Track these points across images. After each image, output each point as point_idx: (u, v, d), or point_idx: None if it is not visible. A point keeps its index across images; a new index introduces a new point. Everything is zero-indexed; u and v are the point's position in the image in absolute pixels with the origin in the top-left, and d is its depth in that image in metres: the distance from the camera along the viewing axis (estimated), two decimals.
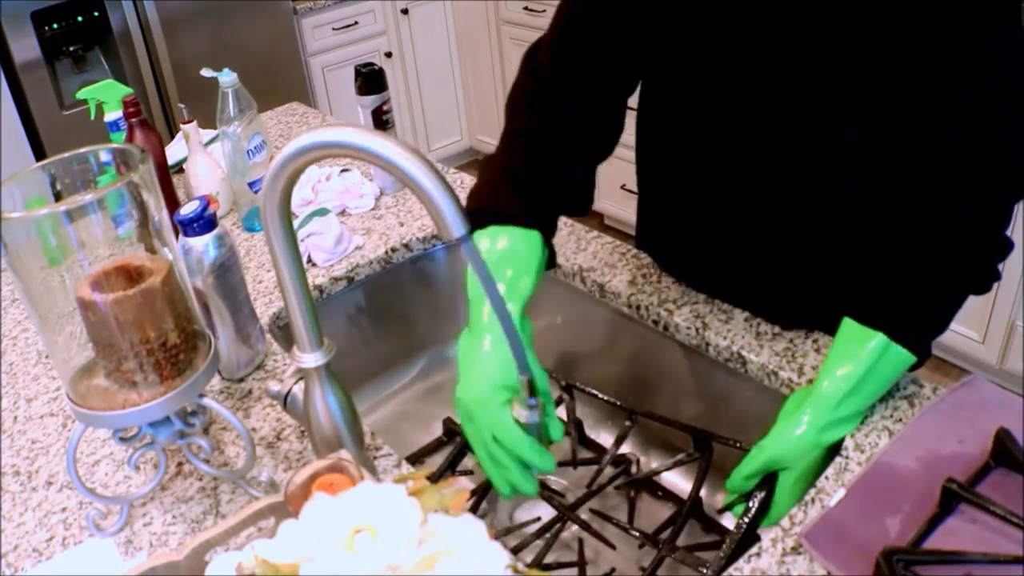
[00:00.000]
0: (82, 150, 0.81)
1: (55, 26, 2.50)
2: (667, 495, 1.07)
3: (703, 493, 1.05)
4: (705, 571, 0.90)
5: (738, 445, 1.00)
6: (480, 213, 0.93)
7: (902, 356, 0.85)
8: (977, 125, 0.83)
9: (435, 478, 1.07)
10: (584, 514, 1.04)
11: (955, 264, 0.86)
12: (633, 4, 0.94)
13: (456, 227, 0.62)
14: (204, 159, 1.41)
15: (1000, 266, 0.88)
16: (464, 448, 1.12)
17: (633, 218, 1.22)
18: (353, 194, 1.42)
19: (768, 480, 0.88)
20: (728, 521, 1.03)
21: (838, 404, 0.85)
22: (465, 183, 1.48)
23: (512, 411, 0.81)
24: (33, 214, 0.74)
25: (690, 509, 1.02)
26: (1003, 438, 0.82)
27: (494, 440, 0.82)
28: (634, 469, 1.10)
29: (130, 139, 1.26)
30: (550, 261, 0.97)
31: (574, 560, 0.99)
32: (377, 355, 1.34)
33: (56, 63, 2.56)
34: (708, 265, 1.10)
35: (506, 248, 0.91)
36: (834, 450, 0.88)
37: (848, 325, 0.87)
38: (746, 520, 0.88)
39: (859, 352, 0.85)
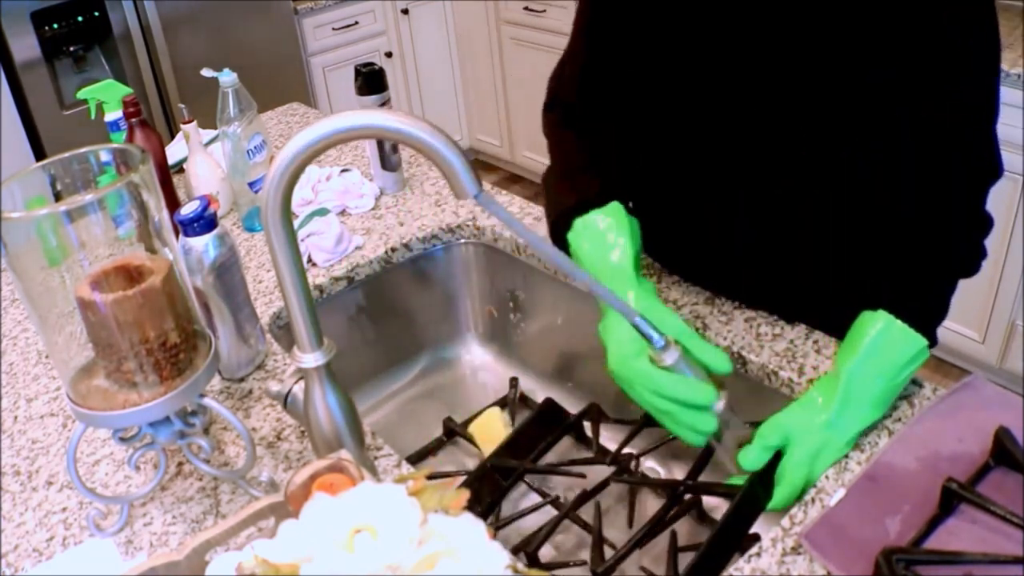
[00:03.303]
0: (82, 150, 0.81)
1: (55, 26, 2.50)
2: (667, 494, 1.07)
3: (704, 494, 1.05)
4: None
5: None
6: (561, 215, 0.96)
7: (908, 336, 0.85)
8: (941, 118, 0.86)
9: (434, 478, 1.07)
10: (584, 514, 1.04)
11: (945, 245, 0.88)
12: (631, 34, 0.98)
13: (470, 186, 0.67)
14: (204, 159, 1.41)
15: (986, 243, 0.90)
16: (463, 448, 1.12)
17: None
18: (353, 194, 1.42)
19: (769, 467, 0.87)
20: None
21: (848, 383, 0.85)
22: None
23: (654, 360, 0.81)
24: (33, 214, 0.74)
25: (681, 497, 1.01)
26: (1003, 438, 0.82)
27: (655, 394, 0.82)
28: (634, 466, 1.10)
29: (130, 139, 1.26)
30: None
31: (574, 560, 0.99)
32: (377, 355, 1.34)
33: (56, 63, 2.55)
34: (701, 258, 1.11)
35: (593, 223, 0.93)
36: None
37: (859, 318, 0.89)
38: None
39: (864, 334, 0.86)
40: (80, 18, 2.54)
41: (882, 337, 0.85)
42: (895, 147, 0.90)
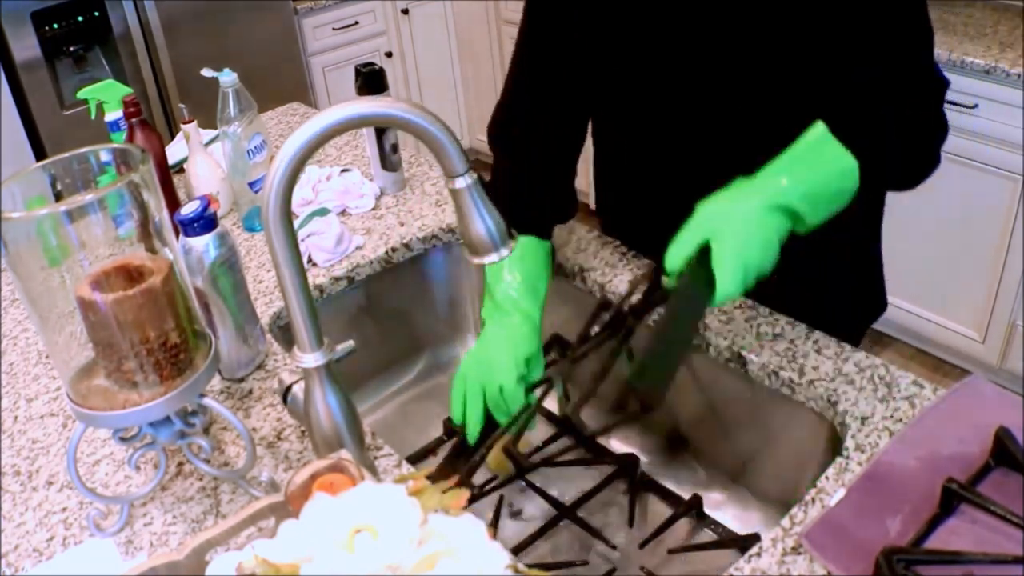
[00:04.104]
0: (82, 150, 0.81)
1: (55, 26, 2.50)
2: (667, 495, 1.07)
3: (703, 493, 1.05)
4: None
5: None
6: None
7: (837, 152, 0.84)
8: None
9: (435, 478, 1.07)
10: (584, 514, 1.04)
11: (897, 99, 0.90)
12: (576, 39, 1.04)
13: (459, 163, 0.71)
14: (204, 159, 1.41)
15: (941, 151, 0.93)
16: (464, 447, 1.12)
17: None
18: (353, 194, 1.42)
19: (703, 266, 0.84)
20: (723, 516, 1.03)
21: (767, 170, 0.84)
22: None
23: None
24: (33, 214, 0.74)
25: (688, 508, 1.02)
26: (1003, 438, 0.82)
27: (499, 392, 0.99)
28: (634, 466, 1.10)
29: (130, 139, 1.26)
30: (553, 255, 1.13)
31: (574, 560, 0.99)
32: (377, 355, 1.34)
33: (56, 63, 2.55)
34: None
35: (517, 255, 1.07)
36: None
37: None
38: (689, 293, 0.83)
39: (799, 141, 0.86)
40: (80, 18, 2.54)
41: (813, 145, 0.85)
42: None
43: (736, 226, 0.83)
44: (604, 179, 1.24)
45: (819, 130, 0.85)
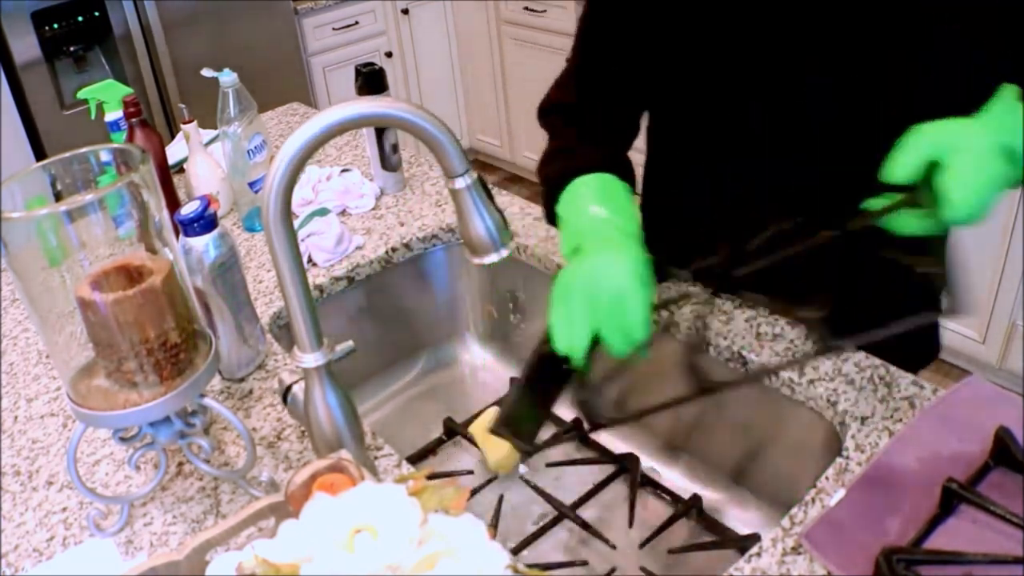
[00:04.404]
0: (82, 150, 0.81)
1: (55, 26, 2.50)
2: (667, 495, 1.07)
3: (703, 493, 1.05)
4: None
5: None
6: (561, 175, 0.95)
7: None
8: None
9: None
10: (584, 514, 1.04)
11: None
12: (636, 37, 0.98)
13: (458, 163, 0.72)
14: (204, 159, 1.41)
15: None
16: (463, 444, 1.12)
17: None
18: (353, 194, 1.42)
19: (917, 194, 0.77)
20: (723, 516, 1.03)
21: (993, 115, 0.76)
22: None
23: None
24: (33, 214, 0.74)
25: (688, 508, 1.02)
26: (1003, 438, 0.82)
27: (617, 302, 0.79)
28: (634, 466, 1.10)
29: (130, 139, 1.26)
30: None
31: (574, 560, 0.99)
32: (377, 355, 1.34)
33: (56, 63, 2.55)
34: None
35: (600, 186, 0.93)
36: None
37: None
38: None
39: (995, 100, 0.77)
40: (80, 18, 2.54)
41: (1014, 100, 0.76)
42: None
43: (978, 145, 0.74)
44: (654, 189, 1.17)
45: (1012, 90, 0.77)
